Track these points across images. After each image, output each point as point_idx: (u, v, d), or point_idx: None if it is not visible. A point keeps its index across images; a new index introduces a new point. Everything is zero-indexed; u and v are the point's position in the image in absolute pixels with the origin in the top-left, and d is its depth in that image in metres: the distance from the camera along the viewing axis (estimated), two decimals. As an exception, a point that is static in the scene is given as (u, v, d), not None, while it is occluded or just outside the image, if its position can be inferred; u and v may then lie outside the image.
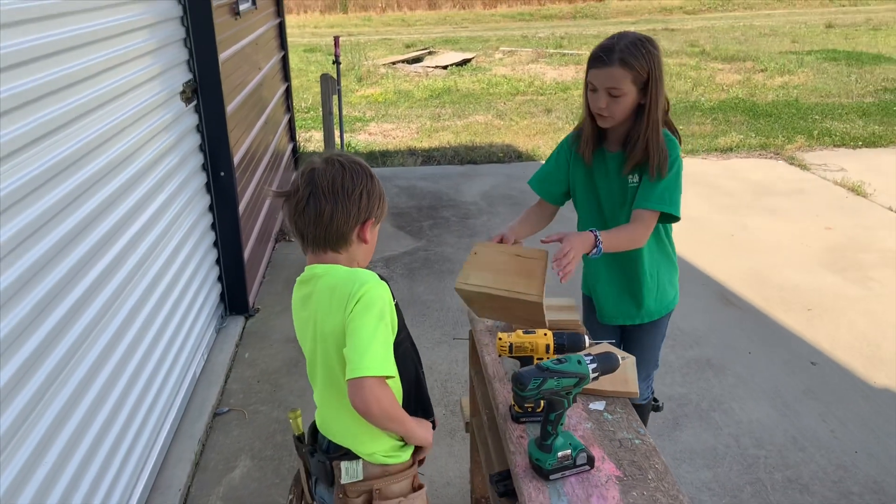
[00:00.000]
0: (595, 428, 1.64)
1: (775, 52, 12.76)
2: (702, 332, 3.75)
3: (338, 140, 6.15)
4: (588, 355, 1.49)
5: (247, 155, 4.23)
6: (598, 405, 1.72)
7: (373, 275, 1.44)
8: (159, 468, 2.75)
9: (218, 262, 3.82)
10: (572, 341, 1.72)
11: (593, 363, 1.47)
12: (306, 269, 1.52)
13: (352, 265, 1.50)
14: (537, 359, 1.70)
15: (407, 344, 1.54)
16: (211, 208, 3.71)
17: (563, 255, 1.78)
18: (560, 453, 1.46)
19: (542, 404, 1.54)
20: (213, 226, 3.74)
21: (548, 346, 1.71)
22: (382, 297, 1.41)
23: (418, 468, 1.60)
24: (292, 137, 6.66)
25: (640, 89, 1.95)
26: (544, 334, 1.73)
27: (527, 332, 1.74)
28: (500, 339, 1.75)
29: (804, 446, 2.88)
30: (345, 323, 1.38)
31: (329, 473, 1.52)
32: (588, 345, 1.73)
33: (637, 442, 1.58)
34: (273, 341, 3.76)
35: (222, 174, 3.67)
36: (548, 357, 1.69)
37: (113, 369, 2.39)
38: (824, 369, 3.40)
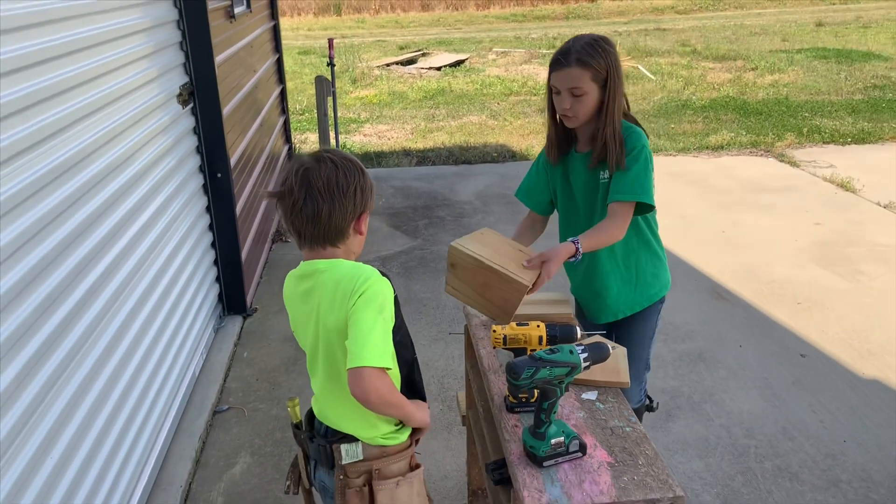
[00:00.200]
0: (587, 417, 1.69)
1: (766, 51, 12.86)
2: (693, 325, 3.81)
3: (333, 141, 6.19)
4: (579, 345, 1.54)
5: (243, 156, 4.27)
6: (590, 395, 1.77)
7: (374, 270, 1.49)
8: (161, 465, 2.79)
9: (216, 262, 3.86)
10: (564, 332, 1.79)
11: (584, 352, 1.52)
12: (303, 265, 1.56)
13: (349, 257, 1.56)
14: (530, 350, 1.76)
15: (404, 331, 1.60)
16: (208, 209, 3.75)
17: (541, 282, 1.83)
18: (553, 441, 1.51)
19: (535, 394, 1.59)
20: (211, 227, 3.78)
21: (541, 337, 1.77)
22: (383, 291, 1.46)
23: (415, 448, 1.66)
24: (288, 139, 6.69)
25: (601, 87, 2.00)
26: (537, 326, 1.78)
27: (520, 325, 1.80)
28: (495, 331, 1.81)
29: (794, 436, 2.93)
30: (347, 316, 1.43)
31: (329, 456, 1.57)
32: (580, 336, 1.78)
33: (628, 430, 1.63)
34: (271, 340, 3.80)
35: (219, 176, 3.71)
36: (541, 348, 1.75)
37: (114, 369, 2.42)
38: (814, 361, 3.46)
